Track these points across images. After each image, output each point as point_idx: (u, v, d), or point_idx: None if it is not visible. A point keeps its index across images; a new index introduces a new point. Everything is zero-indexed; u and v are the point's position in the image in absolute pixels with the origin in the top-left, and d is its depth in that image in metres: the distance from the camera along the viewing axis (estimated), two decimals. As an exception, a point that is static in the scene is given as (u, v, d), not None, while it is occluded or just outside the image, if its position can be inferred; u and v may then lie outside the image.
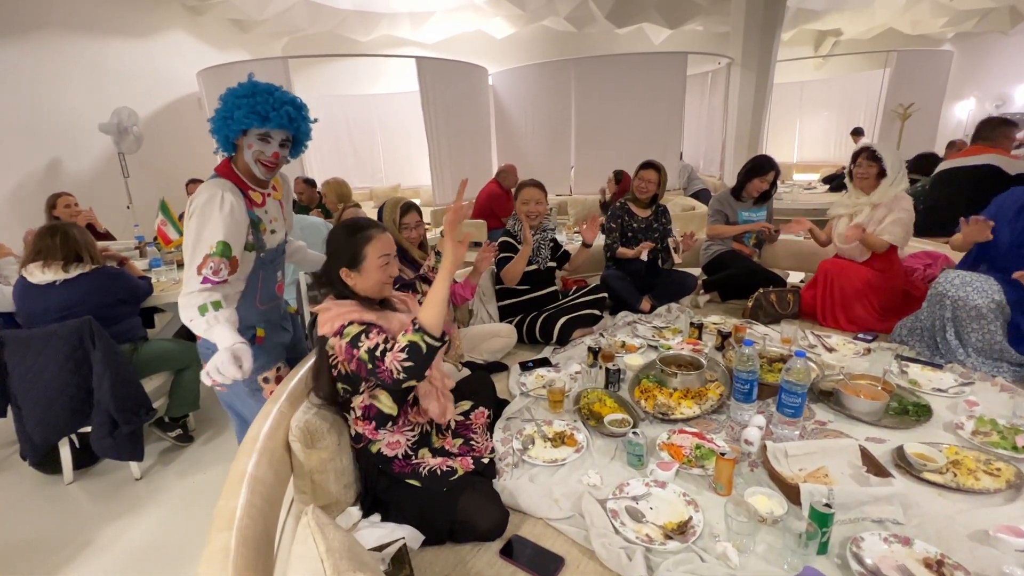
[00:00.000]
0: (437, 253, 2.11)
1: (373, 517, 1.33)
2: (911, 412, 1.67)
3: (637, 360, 2.13)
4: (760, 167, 3.00)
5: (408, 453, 1.39)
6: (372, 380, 1.30)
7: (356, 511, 1.36)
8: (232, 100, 1.38)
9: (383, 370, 1.21)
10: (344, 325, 1.27)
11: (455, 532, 1.25)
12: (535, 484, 1.40)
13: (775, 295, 2.66)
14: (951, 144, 5.26)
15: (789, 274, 3.38)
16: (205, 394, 2.59)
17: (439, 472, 1.34)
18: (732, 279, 2.96)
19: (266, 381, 1.60)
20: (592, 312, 2.54)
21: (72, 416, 2.12)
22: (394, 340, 1.24)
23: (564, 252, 2.75)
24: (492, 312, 2.66)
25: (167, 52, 6.21)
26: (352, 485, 1.42)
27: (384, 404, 1.35)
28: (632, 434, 1.47)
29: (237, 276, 1.45)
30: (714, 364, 1.98)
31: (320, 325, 1.32)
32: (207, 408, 2.79)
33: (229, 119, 1.38)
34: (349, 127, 8.10)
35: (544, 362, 2.22)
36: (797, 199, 6.39)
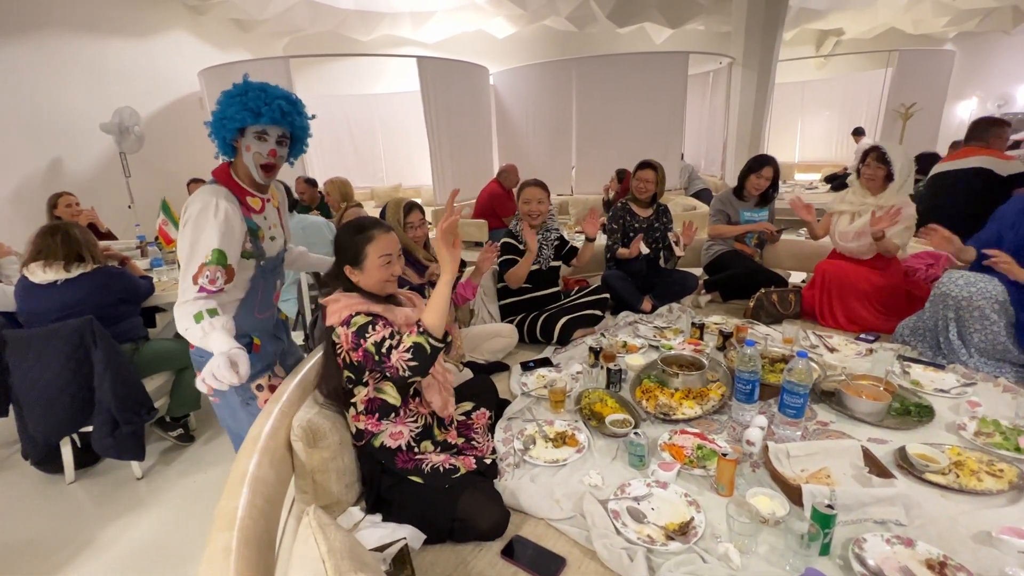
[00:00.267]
0: None
1: (374, 517, 1.33)
2: (913, 413, 1.67)
3: (638, 360, 2.13)
4: (756, 163, 3.01)
5: (411, 444, 1.41)
6: (378, 372, 1.36)
7: (358, 511, 1.36)
8: (226, 100, 1.38)
9: (390, 366, 1.29)
10: (351, 315, 1.33)
11: (456, 531, 1.26)
12: (536, 484, 1.40)
13: (777, 295, 2.66)
14: (954, 144, 5.24)
15: (791, 274, 3.37)
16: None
17: (442, 469, 1.35)
18: (734, 279, 2.96)
19: (259, 389, 1.60)
20: (593, 312, 2.54)
21: (73, 415, 2.12)
22: (399, 335, 1.30)
23: (571, 248, 2.74)
24: (494, 311, 2.66)
25: (168, 52, 6.22)
26: (354, 485, 1.42)
27: (389, 395, 1.40)
28: (633, 434, 1.47)
29: (234, 285, 1.45)
30: (715, 364, 1.97)
31: (328, 315, 1.37)
32: (208, 408, 2.75)
33: (224, 119, 1.39)
34: (350, 127, 8.11)
35: (545, 362, 2.21)
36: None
